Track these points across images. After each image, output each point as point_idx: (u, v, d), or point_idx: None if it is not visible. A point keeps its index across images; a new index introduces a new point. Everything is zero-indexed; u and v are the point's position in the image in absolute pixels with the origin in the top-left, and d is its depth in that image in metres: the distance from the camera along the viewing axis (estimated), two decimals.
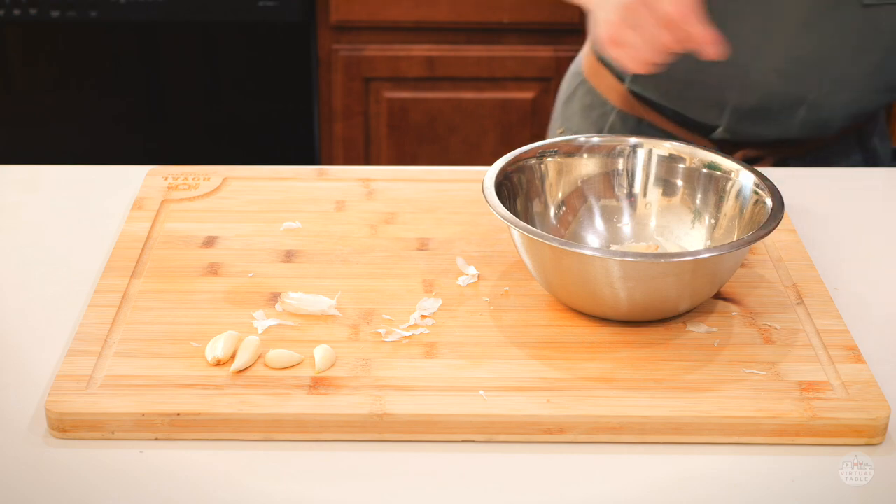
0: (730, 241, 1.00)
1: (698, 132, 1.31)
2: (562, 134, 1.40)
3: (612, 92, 1.35)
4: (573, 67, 1.44)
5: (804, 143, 1.31)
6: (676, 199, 1.05)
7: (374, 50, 2.25)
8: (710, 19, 0.99)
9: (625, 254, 0.93)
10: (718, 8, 1.08)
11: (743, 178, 1.02)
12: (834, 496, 0.83)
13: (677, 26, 0.97)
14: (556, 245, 0.92)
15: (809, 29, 1.21)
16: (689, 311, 0.98)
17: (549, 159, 1.05)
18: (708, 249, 0.94)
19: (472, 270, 1.03)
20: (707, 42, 0.98)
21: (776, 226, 0.95)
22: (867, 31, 1.21)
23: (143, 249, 1.05)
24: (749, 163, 1.19)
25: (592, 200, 1.06)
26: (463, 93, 2.29)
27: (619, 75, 1.34)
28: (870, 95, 1.29)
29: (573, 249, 0.92)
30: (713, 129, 1.30)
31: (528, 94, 2.29)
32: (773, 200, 0.98)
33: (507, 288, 1.01)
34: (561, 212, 1.04)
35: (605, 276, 0.92)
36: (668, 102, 1.31)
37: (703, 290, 0.95)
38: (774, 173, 1.23)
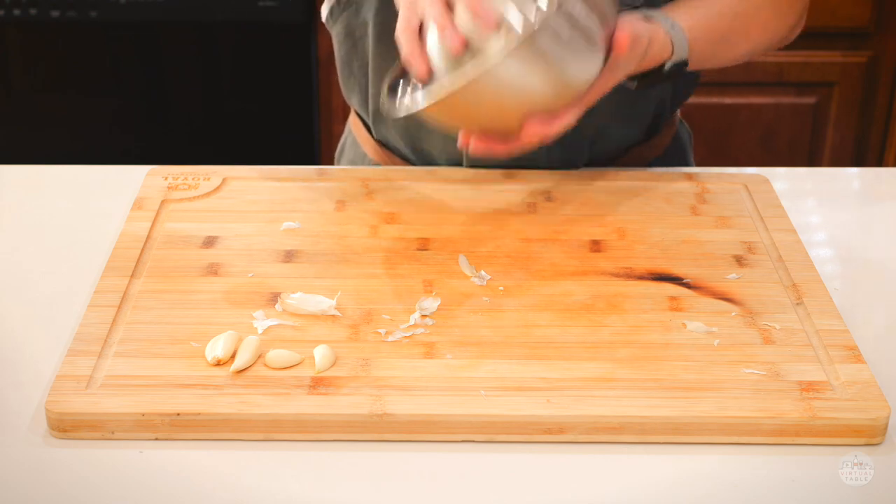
0: None
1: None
2: None
3: (368, 144, 1.31)
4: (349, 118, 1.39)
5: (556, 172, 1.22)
6: None
7: None
8: None
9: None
10: None
11: None
12: (834, 496, 0.83)
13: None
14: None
15: None
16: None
17: None
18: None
19: (483, 274, 1.03)
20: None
21: None
22: None
23: (143, 249, 1.05)
24: None
25: None
26: None
27: (367, 124, 1.30)
28: (615, 123, 1.21)
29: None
30: (459, 164, 1.24)
31: None
32: None
33: (501, 287, 1.01)
34: None
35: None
36: (409, 143, 1.25)
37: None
38: (773, 173, 1.23)
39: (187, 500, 0.82)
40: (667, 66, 1.08)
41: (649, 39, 1.03)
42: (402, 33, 0.97)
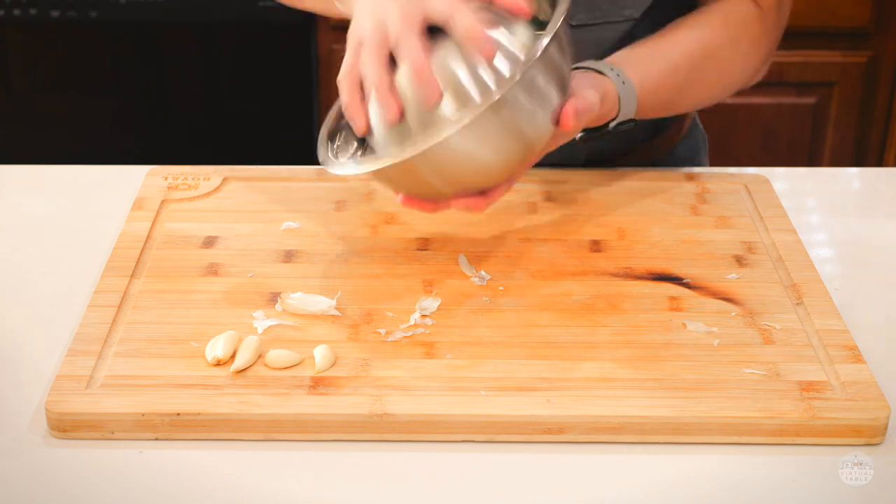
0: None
1: None
2: None
3: None
4: None
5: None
6: None
7: None
8: None
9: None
10: None
11: None
12: (834, 496, 0.83)
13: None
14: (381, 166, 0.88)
15: None
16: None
17: None
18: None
19: (483, 274, 1.03)
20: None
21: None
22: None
23: (143, 249, 1.05)
24: None
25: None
26: None
27: None
28: None
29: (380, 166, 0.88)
30: None
31: None
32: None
33: (501, 287, 1.01)
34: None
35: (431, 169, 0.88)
36: None
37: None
38: (773, 173, 1.23)
39: (187, 500, 0.82)
40: (611, 126, 1.07)
41: (601, 100, 1.01)
42: (343, 80, 0.94)
